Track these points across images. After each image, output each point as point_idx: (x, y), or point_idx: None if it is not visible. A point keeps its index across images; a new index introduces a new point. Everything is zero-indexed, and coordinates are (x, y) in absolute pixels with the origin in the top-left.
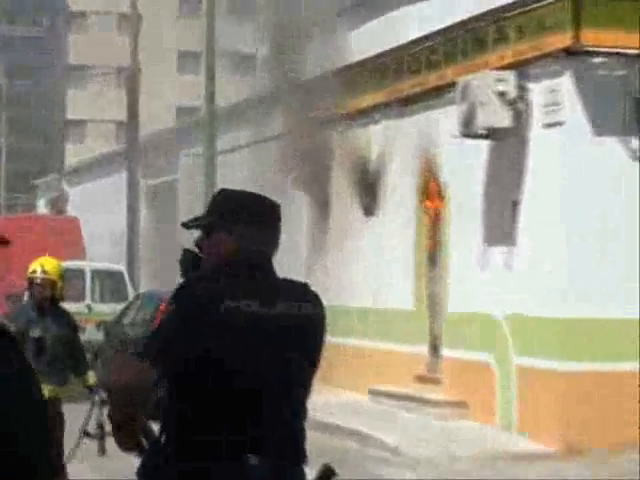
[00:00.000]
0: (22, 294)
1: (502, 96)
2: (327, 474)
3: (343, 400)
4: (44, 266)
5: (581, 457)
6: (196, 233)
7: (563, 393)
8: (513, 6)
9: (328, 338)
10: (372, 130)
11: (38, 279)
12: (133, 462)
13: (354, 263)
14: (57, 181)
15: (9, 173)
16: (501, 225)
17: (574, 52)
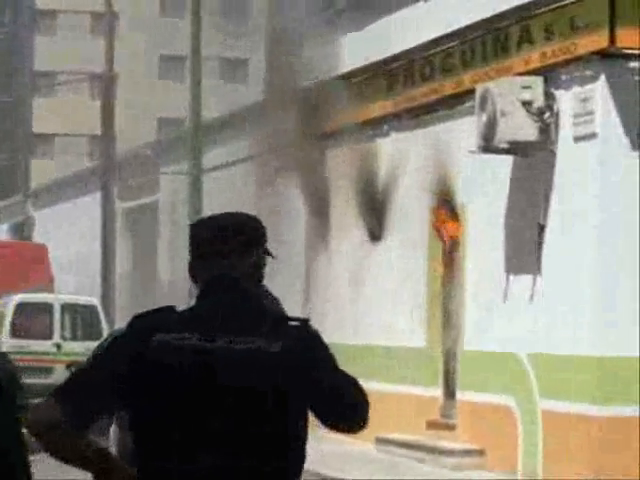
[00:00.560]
0: None
1: (527, 105)
2: None
3: (346, 450)
4: None
5: None
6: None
7: (596, 441)
8: (540, 3)
9: None
10: (380, 144)
11: None
12: None
13: (358, 295)
14: (22, 203)
15: None
16: (525, 252)
17: (609, 55)
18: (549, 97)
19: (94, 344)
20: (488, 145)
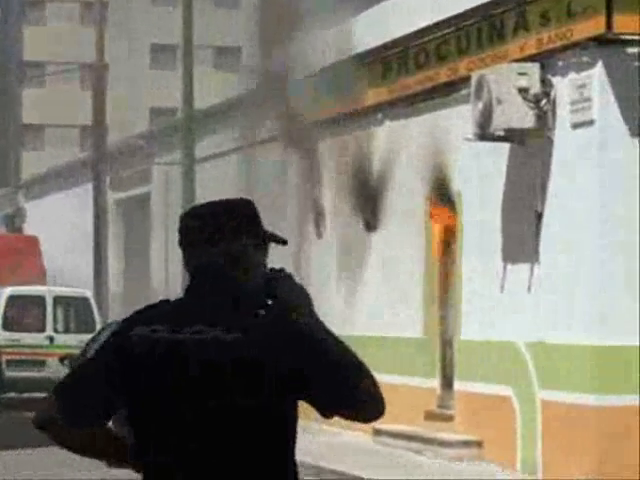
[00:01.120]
0: None
1: (524, 92)
2: None
3: (344, 441)
4: None
5: None
6: (173, 253)
7: (596, 431)
8: None
9: None
10: (374, 132)
11: None
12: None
13: (354, 284)
14: (12, 195)
15: None
16: (523, 240)
17: (606, 41)
18: (546, 84)
19: (87, 337)
20: (484, 133)
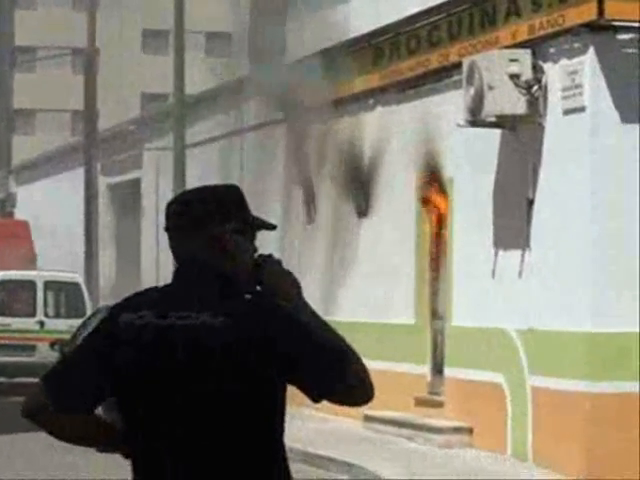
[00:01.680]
0: None
1: (515, 78)
2: None
3: (334, 427)
4: None
5: None
6: (163, 238)
7: (587, 418)
8: None
9: None
10: (365, 118)
11: None
12: None
13: (345, 271)
14: (3, 180)
15: None
16: (514, 227)
17: (598, 27)
18: (537, 70)
19: (78, 321)
20: (475, 119)
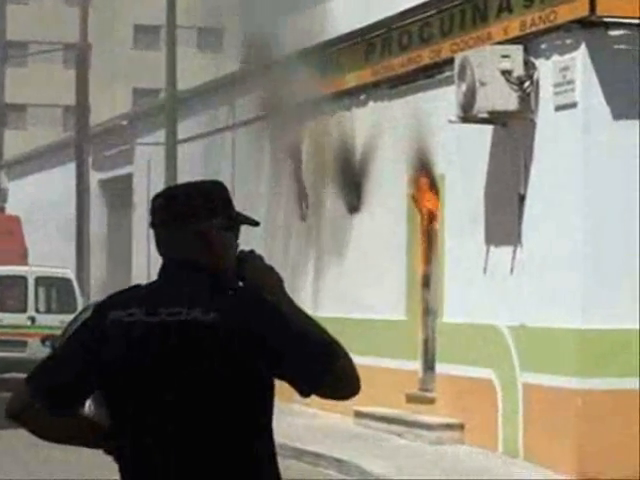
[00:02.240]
0: None
1: (507, 74)
2: None
3: (324, 424)
4: None
5: None
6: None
7: (577, 414)
8: None
9: None
10: (357, 113)
11: None
12: None
13: (336, 266)
14: None
15: None
16: (505, 223)
17: (589, 23)
18: (529, 66)
19: (69, 317)
20: (467, 115)
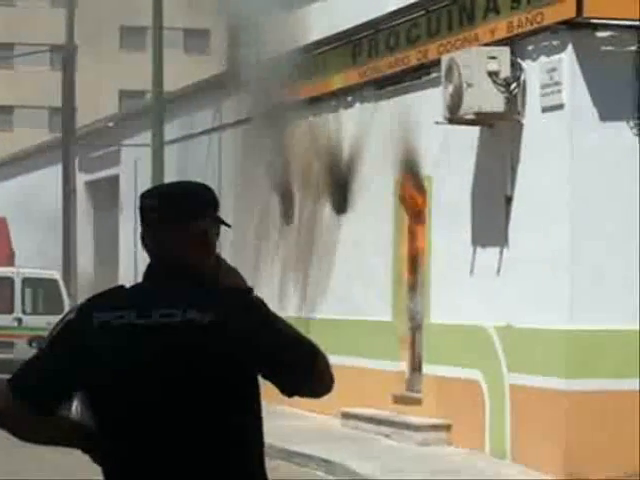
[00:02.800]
0: None
1: (494, 76)
2: None
3: (312, 425)
4: None
5: None
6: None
7: (564, 415)
8: None
9: None
10: (344, 115)
11: None
12: None
13: (322, 268)
14: None
15: None
16: (492, 224)
17: (576, 25)
18: (516, 67)
19: (56, 318)
20: (454, 116)
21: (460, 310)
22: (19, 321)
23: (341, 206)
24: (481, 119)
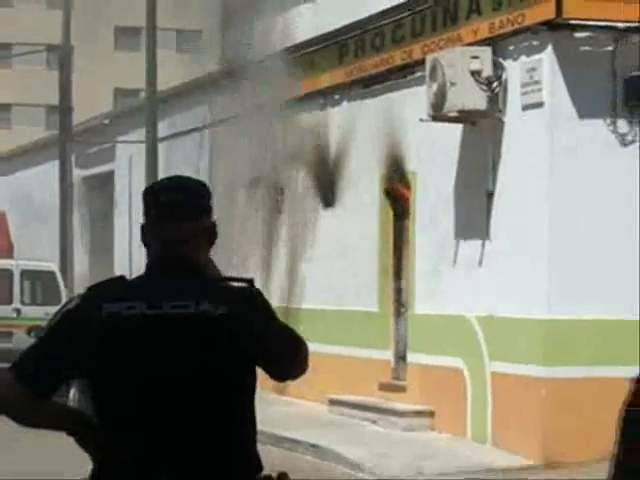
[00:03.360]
0: None
1: (476, 75)
2: None
3: (300, 411)
4: None
5: (562, 472)
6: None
7: (543, 402)
8: None
9: None
10: (331, 113)
11: None
12: None
13: (311, 260)
14: None
15: None
16: (474, 218)
17: (556, 25)
18: (497, 67)
19: (53, 309)
20: (438, 114)
21: (443, 301)
22: (18, 312)
23: (328, 200)
24: (464, 117)
